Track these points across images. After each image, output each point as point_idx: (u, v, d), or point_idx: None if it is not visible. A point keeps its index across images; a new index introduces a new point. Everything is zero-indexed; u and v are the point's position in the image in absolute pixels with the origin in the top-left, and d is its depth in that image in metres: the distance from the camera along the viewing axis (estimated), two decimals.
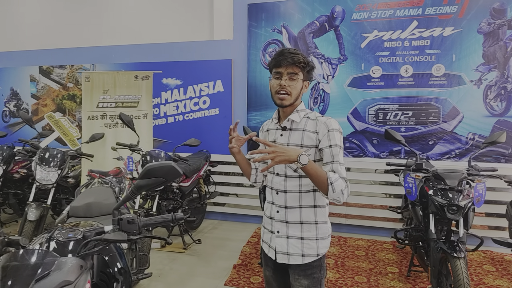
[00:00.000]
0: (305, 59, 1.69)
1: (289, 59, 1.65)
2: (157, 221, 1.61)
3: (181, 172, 1.55)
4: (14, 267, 1.23)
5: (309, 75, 1.75)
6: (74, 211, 2.36)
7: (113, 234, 1.46)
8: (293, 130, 1.74)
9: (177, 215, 1.63)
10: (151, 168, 1.50)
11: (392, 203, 4.55)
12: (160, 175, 1.50)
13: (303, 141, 1.70)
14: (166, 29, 5.42)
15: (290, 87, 1.67)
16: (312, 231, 1.71)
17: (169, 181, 1.53)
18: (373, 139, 4.64)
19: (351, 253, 4.07)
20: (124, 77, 4.44)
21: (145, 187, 1.51)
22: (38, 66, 5.84)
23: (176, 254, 4.09)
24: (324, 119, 1.69)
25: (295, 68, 1.67)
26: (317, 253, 1.71)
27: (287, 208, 1.73)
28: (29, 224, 3.72)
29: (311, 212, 1.72)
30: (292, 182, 1.73)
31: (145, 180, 1.50)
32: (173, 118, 5.28)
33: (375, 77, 4.57)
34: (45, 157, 3.95)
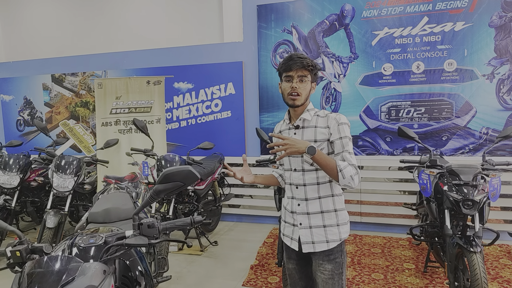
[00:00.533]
0: (313, 63, 1.84)
1: (299, 63, 1.80)
2: (177, 225, 1.63)
3: (198, 176, 1.56)
4: (40, 274, 1.26)
5: (316, 77, 1.91)
6: (93, 217, 2.39)
7: (134, 239, 1.48)
8: (305, 128, 1.88)
9: (196, 218, 1.65)
10: (170, 173, 1.52)
11: (406, 200, 4.53)
12: (178, 180, 1.52)
13: (316, 137, 1.84)
14: (176, 34, 5.46)
15: (301, 89, 1.82)
16: (332, 218, 1.85)
17: (187, 185, 1.55)
18: (386, 137, 4.63)
19: (367, 251, 4.07)
20: (136, 82, 4.48)
21: (164, 192, 1.53)
22: (50, 74, 5.92)
23: (193, 256, 4.12)
24: (333, 115, 1.85)
25: (304, 71, 1.82)
26: (339, 238, 1.84)
27: (308, 200, 1.87)
28: (48, 231, 3.78)
29: (329, 201, 1.86)
30: (310, 175, 1.87)
31: (164, 184, 1.52)
32: (185, 122, 5.31)
33: (387, 74, 4.56)
34: (61, 164, 4.00)
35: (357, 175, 1.73)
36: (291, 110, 1.94)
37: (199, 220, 1.66)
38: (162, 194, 1.55)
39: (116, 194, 2.87)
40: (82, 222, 2.51)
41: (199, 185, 4.27)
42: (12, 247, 1.43)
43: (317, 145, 1.81)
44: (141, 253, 1.91)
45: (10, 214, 4.21)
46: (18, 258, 1.41)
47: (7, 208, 4.13)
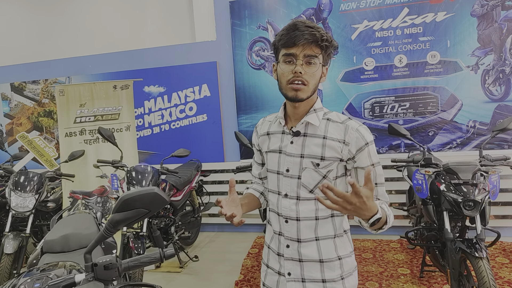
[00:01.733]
0: (328, 36, 1.25)
1: (307, 35, 1.20)
2: (142, 262, 1.31)
3: (167, 200, 1.26)
4: None
5: (329, 59, 1.33)
6: (48, 245, 2.06)
7: (86, 286, 1.17)
8: (308, 136, 1.31)
9: (167, 252, 1.33)
10: (129, 198, 1.20)
11: (395, 199, 4.34)
12: (141, 206, 1.21)
13: (325, 153, 1.28)
14: (145, 35, 5.11)
15: (308, 75, 1.24)
16: (335, 270, 1.31)
17: (153, 212, 1.24)
18: None
19: (358, 257, 3.84)
20: (102, 88, 4.12)
21: (124, 222, 1.22)
22: (9, 83, 5.46)
23: (172, 274, 3.81)
24: (355, 124, 1.30)
25: (315, 48, 1.22)
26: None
27: (301, 242, 1.32)
28: (7, 257, 3.39)
29: (330, 244, 1.32)
30: (306, 206, 1.31)
31: (123, 213, 1.21)
32: (158, 128, 4.97)
33: (368, 69, 4.35)
34: (20, 181, 3.62)
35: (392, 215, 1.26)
36: (289, 106, 1.35)
37: (170, 254, 1.34)
38: (121, 225, 1.23)
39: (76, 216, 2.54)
40: (36, 252, 2.16)
41: (175, 196, 3.96)
42: None
43: (324, 165, 1.28)
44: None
45: None
46: None
47: None
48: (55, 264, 1.66)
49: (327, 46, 1.25)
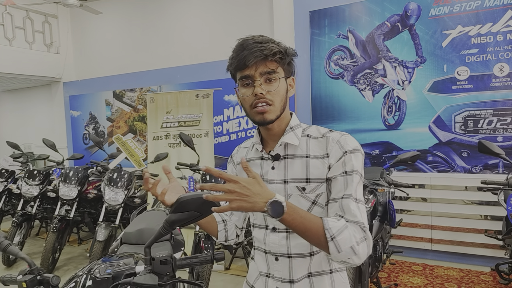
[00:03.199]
0: (281, 47, 1.13)
1: (257, 52, 1.08)
2: (194, 262, 1.40)
3: (217, 204, 1.29)
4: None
5: (291, 68, 1.19)
6: (126, 237, 2.27)
7: (143, 277, 1.28)
8: (289, 158, 1.16)
9: (217, 255, 1.40)
10: (184, 201, 1.26)
11: (489, 227, 3.82)
12: (193, 209, 1.26)
13: (309, 174, 1.12)
14: (227, 46, 5.34)
15: (270, 94, 1.11)
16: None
17: (204, 215, 1.28)
18: (462, 151, 3.98)
19: (439, 285, 3.47)
20: (186, 96, 4.43)
21: (178, 222, 1.28)
22: (112, 90, 6.20)
23: (240, 278, 3.88)
24: (336, 135, 1.14)
25: (270, 64, 1.11)
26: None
27: (294, 282, 1.14)
28: (98, 244, 3.82)
29: (327, 281, 1.14)
30: (298, 239, 1.11)
31: (178, 214, 1.27)
32: (235, 135, 5.15)
33: (462, 79, 3.94)
34: (113, 178, 4.06)
35: (364, 241, 1.01)
36: (262, 129, 1.21)
37: (220, 257, 1.41)
38: (176, 224, 1.30)
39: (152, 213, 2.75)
40: (117, 243, 2.40)
41: None
42: (22, 275, 1.36)
43: (311, 188, 1.12)
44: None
45: (69, 224, 4.38)
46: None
47: (67, 219, 4.28)
48: (130, 255, 1.84)
49: (282, 58, 1.12)
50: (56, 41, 6.73)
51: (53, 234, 4.08)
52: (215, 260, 1.42)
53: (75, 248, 5.08)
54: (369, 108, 4.38)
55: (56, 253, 4.25)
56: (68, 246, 5.11)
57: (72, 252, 4.93)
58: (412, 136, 4.18)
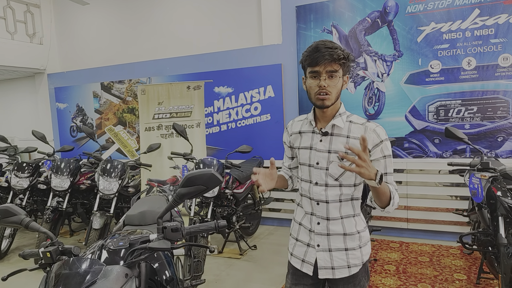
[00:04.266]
0: (345, 53, 1.51)
1: (327, 56, 1.47)
2: (201, 229, 1.62)
3: (221, 179, 1.53)
4: (64, 275, 1.30)
5: (348, 69, 1.59)
6: (129, 219, 2.43)
7: (157, 243, 1.48)
8: (335, 136, 1.59)
9: (220, 223, 1.63)
10: (192, 176, 1.50)
11: (458, 206, 4.22)
12: (201, 183, 1.50)
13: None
14: (216, 38, 5.54)
15: (330, 87, 1.51)
16: (355, 241, 1.63)
17: (210, 189, 1.52)
18: (435, 138, 4.35)
19: (413, 259, 3.84)
20: (177, 88, 4.59)
21: (187, 195, 1.52)
22: (100, 82, 6.25)
23: (232, 260, 4.12)
24: (373, 125, 1.57)
25: (334, 65, 1.49)
26: (362, 261, 1.64)
27: (329, 219, 1.62)
28: (94, 232, 3.94)
29: (351, 222, 1.63)
30: (333, 191, 1.61)
31: (187, 188, 1.51)
32: (226, 125, 5.36)
33: (434, 72, 4.29)
34: (107, 168, 4.16)
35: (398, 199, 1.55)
36: (318, 111, 1.63)
37: (223, 224, 1.65)
38: (185, 197, 1.54)
39: (152, 197, 2.93)
40: (119, 224, 2.58)
41: (237, 189, 4.28)
42: (44, 248, 1.49)
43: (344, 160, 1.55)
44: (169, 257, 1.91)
45: (62, 215, 4.44)
46: (48, 259, 1.47)
47: (59, 210, 4.35)
48: (133, 231, 2.02)
49: (344, 63, 1.51)
50: (39, 31, 6.67)
51: (47, 224, 4.14)
52: (219, 228, 1.64)
53: (67, 239, 5.14)
54: (351, 99, 4.69)
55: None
56: (60, 238, 5.17)
57: (64, 243, 4.91)
58: (390, 125, 4.52)
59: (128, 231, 1.92)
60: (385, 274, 3.54)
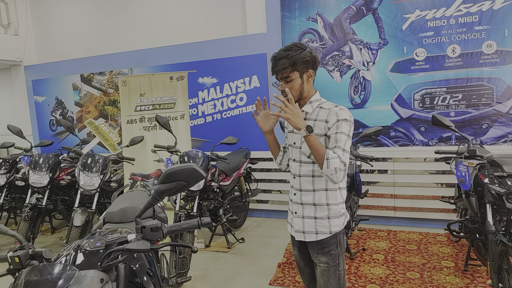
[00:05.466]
0: (292, 59, 1.73)
1: (274, 67, 1.77)
2: (182, 227, 1.51)
3: (203, 174, 1.45)
4: (33, 282, 1.20)
5: (308, 66, 1.78)
6: (109, 216, 2.33)
7: (135, 244, 1.38)
8: (307, 120, 1.83)
9: (204, 220, 1.53)
10: (171, 172, 1.41)
11: (444, 193, 4.25)
12: (182, 179, 1.41)
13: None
14: (199, 28, 5.41)
15: (289, 90, 1.77)
16: (324, 211, 1.83)
17: (191, 185, 1.44)
18: (421, 126, 4.36)
19: (401, 248, 3.85)
20: (160, 79, 4.46)
21: (167, 192, 1.43)
22: (79, 74, 6.05)
23: (220, 253, 4.06)
24: (336, 109, 1.77)
25: (285, 73, 1.75)
26: (329, 231, 1.83)
27: (302, 191, 1.87)
28: (75, 229, 3.80)
29: (322, 195, 1.83)
30: (306, 167, 1.86)
31: (166, 184, 1.42)
32: (211, 117, 5.26)
33: (419, 60, 4.27)
34: (87, 163, 4.02)
35: (343, 171, 1.69)
36: None
37: (207, 221, 1.55)
38: (165, 194, 1.44)
39: (134, 193, 2.82)
40: (99, 222, 2.47)
41: (224, 181, 4.20)
42: (12, 252, 1.38)
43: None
44: (151, 257, 1.82)
45: (41, 212, 4.29)
46: (17, 264, 1.37)
47: (39, 207, 4.20)
48: (114, 230, 1.91)
49: (293, 65, 1.74)
50: (14, 21, 6.40)
51: (25, 223, 4.00)
52: (202, 225, 1.53)
53: (48, 237, 4.98)
54: (337, 88, 4.64)
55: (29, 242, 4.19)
56: (41, 236, 5.00)
57: (46, 241, 4.83)
58: (376, 114, 4.50)
59: (108, 230, 1.83)
60: (373, 263, 3.54)
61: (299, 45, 1.79)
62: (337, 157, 1.69)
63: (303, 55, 1.75)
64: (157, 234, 1.44)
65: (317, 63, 1.83)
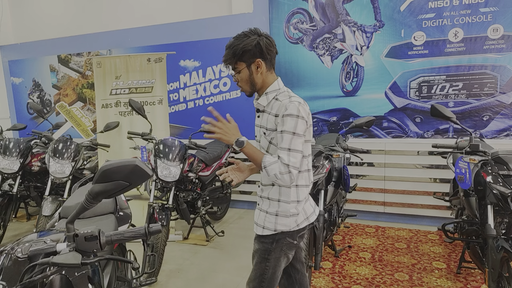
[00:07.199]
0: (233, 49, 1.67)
1: (224, 61, 1.74)
2: (126, 237, 1.27)
3: (149, 173, 1.19)
4: None
5: (252, 55, 1.68)
6: (65, 211, 2.08)
7: (64, 256, 1.13)
8: (264, 112, 1.77)
9: (152, 228, 1.29)
10: (107, 170, 1.15)
11: (438, 189, 3.99)
12: (120, 178, 1.15)
13: (267, 125, 1.74)
14: (181, 8, 5.04)
15: (239, 81, 1.75)
16: (274, 207, 1.78)
17: (133, 185, 1.18)
18: (416, 117, 4.05)
19: (390, 246, 3.61)
20: (136, 60, 4.14)
21: (103, 194, 1.17)
22: (56, 55, 5.70)
23: (198, 247, 3.85)
24: (286, 102, 1.67)
25: (232, 64, 1.72)
26: (274, 228, 1.77)
27: (263, 185, 1.85)
28: (44, 219, 3.60)
29: (276, 190, 1.78)
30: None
31: (102, 185, 1.16)
32: (193, 102, 4.95)
33: (418, 44, 3.94)
34: (58, 149, 3.79)
35: (286, 174, 1.60)
36: None
37: (156, 229, 1.31)
38: (101, 196, 1.19)
39: None
40: (55, 219, 2.20)
41: (203, 171, 3.93)
42: None
43: (268, 133, 1.74)
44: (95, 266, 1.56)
45: (12, 199, 4.07)
46: None
47: (10, 194, 3.97)
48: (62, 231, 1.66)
49: (240, 58, 1.67)
50: None
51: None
52: (150, 234, 1.30)
53: (23, 224, 4.80)
54: (327, 74, 4.32)
55: (0, 229, 3.97)
56: (16, 222, 4.83)
57: (20, 228, 4.66)
58: (368, 103, 4.19)
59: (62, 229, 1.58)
60: (360, 262, 3.30)
61: (247, 32, 1.69)
62: (276, 161, 1.62)
63: (245, 44, 1.65)
64: (92, 245, 1.21)
65: (265, 51, 1.68)
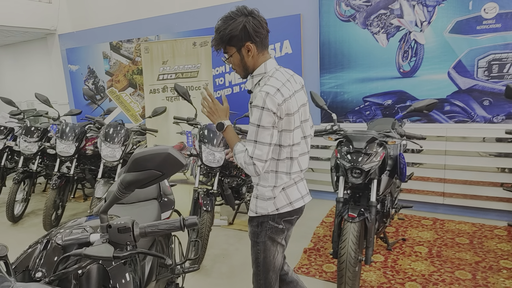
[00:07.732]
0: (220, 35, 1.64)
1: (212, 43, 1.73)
2: (160, 229, 1.20)
3: (183, 162, 1.09)
4: None
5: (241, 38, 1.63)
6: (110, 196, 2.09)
7: (96, 248, 1.08)
8: (253, 94, 1.74)
9: (188, 221, 1.21)
10: (140, 158, 1.07)
11: (507, 180, 3.58)
12: (153, 167, 1.07)
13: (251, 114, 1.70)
14: None
15: (232, 65, 1.75)
16: (255, 191, 1.84)
17: (167, 175, 1.09)
18: (484, 99, 3.64)
19: (450, 241, 3.31)
20: (182, 45, 4.10)
21: (135, 183, 1.09)
22: (108, 42, 5.86)
23: (243, 232, 3.83)
24: (263, 91, 1.60)
25: (222, 49, 1.71)
26: (255, 211, 1.82)
27: None
28: (97, 201, 3.74)
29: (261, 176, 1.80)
30: None
31: (134, 174, 1.08)
32: (238, 87, 4.85)
33: (489, 17, 3.50)
34: (109, 133, 3.90)
35: (250, 165, 1.62)
36: None
37: (192, 222, 1.25)
38: (133, 186, 1.12)
39: None
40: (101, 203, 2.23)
41: None
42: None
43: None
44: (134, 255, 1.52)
45: (69, 181, 4.29)
46: None
47: (67, 176, 4.19)
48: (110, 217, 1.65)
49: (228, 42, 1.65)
50: None
51: (53, 191, 4.02)
52: (185, 227, 1.23)
53: (80, 204, 5.08)
54: (382, 54, 4.00)
55: (58, 209, 4.21)
56: (74, 202, 5.12)
57: (77, 208, 4.93)
58: (428, 84, 3.83)
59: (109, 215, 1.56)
60: (415, 257, 3.06)
61: (233, 13, 1.62)
62: (243, 151, 1.65)
63: (231, 28, 1.61)
64: (126, 237, 1.15)
65: (253, 33, 1.61)
